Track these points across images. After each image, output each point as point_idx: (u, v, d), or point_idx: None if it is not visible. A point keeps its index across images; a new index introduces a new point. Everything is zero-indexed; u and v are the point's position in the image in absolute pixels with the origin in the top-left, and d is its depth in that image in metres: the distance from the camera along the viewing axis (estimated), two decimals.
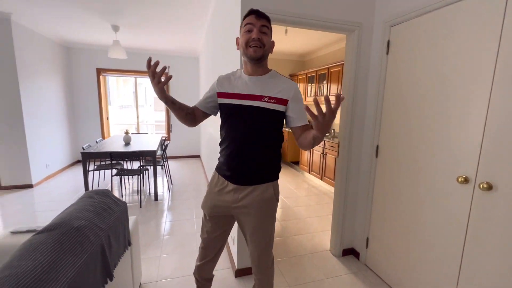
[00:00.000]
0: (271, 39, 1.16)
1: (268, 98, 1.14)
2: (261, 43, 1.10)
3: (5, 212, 3.03)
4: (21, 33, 3.64)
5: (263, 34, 1.10)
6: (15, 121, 3.62)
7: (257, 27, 1.09)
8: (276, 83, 1.17)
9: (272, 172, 1.25)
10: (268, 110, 1.14)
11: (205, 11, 3.11)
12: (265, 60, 1.17)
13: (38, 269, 0.80)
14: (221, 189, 1.25)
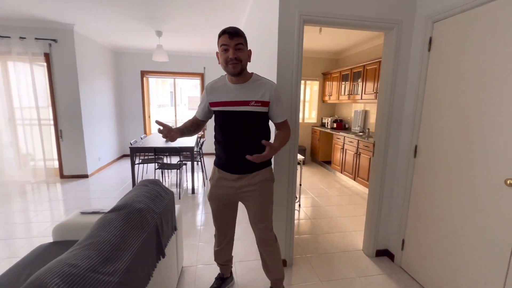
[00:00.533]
0: (247, 51, 1.32)
1: (254, 102, 1.34)
2: (238, 60, 1.26)
3: (67, 197, 3.50)
4: (81, 41, 4.13)
5: (238, 51, 1.26)
6: (75, 119, 4.13)
7: (232, 47, 1.24)
8: (258, 87, 1.36)
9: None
10: (255, 112, 1.35)
11: (241, 14, 3.25)
12: (243, 71, 1.33)
13: (112, 239, 0.97)
14: (224, 180, 1.47)
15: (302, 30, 1.74)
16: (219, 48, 1.29)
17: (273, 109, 1.39)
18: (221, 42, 1.26)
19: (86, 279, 0.76)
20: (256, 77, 1.40)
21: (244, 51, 1.29)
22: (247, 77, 1.38)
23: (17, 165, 4.09)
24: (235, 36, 1.24)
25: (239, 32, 1.26)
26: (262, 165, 1.45)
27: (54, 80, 3.97)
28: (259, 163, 1.40)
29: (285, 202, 1.97)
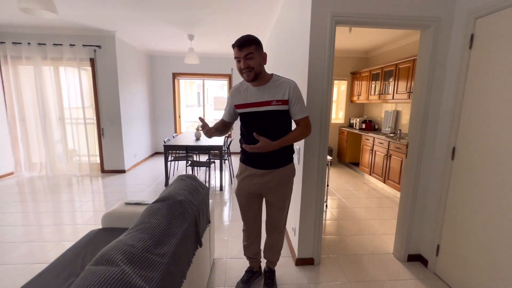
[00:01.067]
0: (259, 56, 1.39)
1: (275, 102, 1.42)
2: (249, 68, 1.36)
3: (107, 190, 3.81)
4: (121, 46, 4.47)
5: (249, 60, 1.36)
6: (115, 119, 4.47)
7: (242, 58, 1.36)
8: (278, 86, 1.44)
9: (288, 156, 1.58)
10: (277, 111, 1.43)
11: (271, 16, 3.31)
12: (260, 75, 1.42)
13: (161, 226, 1.08)
14: (250, 176, 1.58)
15: (334, 31, 1.75)
16: (235, 60, 1.42)
17: (292, 107, 1.45)
18: (234, 55, 1.39)
19: (143, 258, 0.87)
20: (276, 78, 1.48)
21: (255, 58, 1.36)
22: (267, 78, 1.46)
23: (65, 160, 4.53)
24: (244, 47, 1.34)
25: (248, 42, 1.34)
26: (286, 161, 1.56)
27: (98, 83, 4.34)
28: (283, 160, 1.54)
29: (313, 202, 1.99)
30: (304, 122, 1.48)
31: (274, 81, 1.46)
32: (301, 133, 1.48)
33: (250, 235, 1.77)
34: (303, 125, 1.48)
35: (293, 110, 1.46)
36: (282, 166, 1.55)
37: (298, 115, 1.46)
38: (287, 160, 1.57)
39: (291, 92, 1.42)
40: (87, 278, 0.72)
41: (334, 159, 5.68)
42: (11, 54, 4.03)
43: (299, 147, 2.04)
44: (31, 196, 3.49)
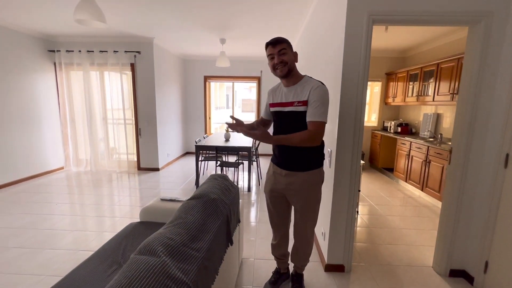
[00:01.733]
0: (291, 54, 1.42)
1: (297, 103, 1.42)
2: (283, 62, 1.41)
3: (143, 186, 4.06)
4: (158, 51, 4.75)
5: (282, 55, 1.40)
6: (151, 120, 4.76)
7: (276, 54, 1.41)
8: (304, 88, 1.42)
9: (315, 160, 1.51)
10: (299, 112, 1.42)
11: (302, 19, 3.29)
12: (292, 72, 1.45)
13: (196, 222, 1.13)
14: (275, 174, 1.60)
15: (371, 31, 1.69)
16: (268, 58, 1.47)
17: (308, 108, 1.39)
18: (268, 53, 1.45)
19: (181, 251, 0.92)
20: (305, 79, 1.47)
21: (288, 54, 1.41)
22: (297, 79, 1.47)
23: (107, 157, 4.92)
24: (277, 44, 1.40)
25: (280, 40, 1.41)
26: (311, 165, 1.50)
27: (137, 86, 4.66)
28: (307, 163, 1.49)
29: (345, 207, 1.93)
30: (313, 126, 1.37)
31: (303, 82, 1.46)
32: (304, 137, 1.36)
33: (276, 236, 1.78)
34: (310, 130, 1.37)
35: (308, 110, 1.39)
36: (306, 170, 1.50)
37: (310, 117, 1.38)
38: (312, 165, 1.51)
39: (311, 93, 1.38)
40: (133, 266, 0.78)
41: (366, 163, 5.44)
42: (64, 61, 4.49)
43: (330, 150, 1.99)
44: (78, 189, 3.84)
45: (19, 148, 3.99)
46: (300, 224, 1.63)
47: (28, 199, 3.39)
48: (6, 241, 2.36)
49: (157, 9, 3.08)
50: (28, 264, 2.03)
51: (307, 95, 1.39)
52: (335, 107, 1.88)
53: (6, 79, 3.77)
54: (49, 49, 4.45)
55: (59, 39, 4.47)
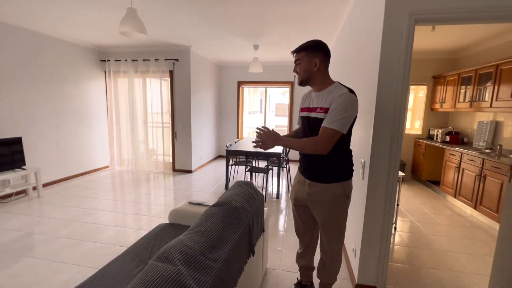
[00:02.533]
0: (308, 62, 1.38)
1: (319, 109, 1.38)
2: (297, 73, 1.44)
3: (177, 187, 4.24)
4: (195, 59, 4.98)
5: (296, 65, 1.43)
6: (186, 123, 4.98)
7: (294, 63, 1.45)
8: (329, 94, 1.36)
9: (341, 172, 1.42)
10: (319, 119, 1.36)
11: (338, 22, 3.16)
12: (310, 81, 1.42)
13: (216, 230, 1.11)
14: (300, 183, 1.55)
15: (413, 32, 1.54)
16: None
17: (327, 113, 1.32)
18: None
19: (198, 260, 0.91)
20: (335, 86, 1.39)
21: (301, 64, 1.40)
22: (324, 85, 1.42)
23: (146, 158, 5.26)
24: (294, 53, 1.44)
25: (298, 49, 1.41)
26: (334, 177, 1.41)
27: (174, 92, 4.92)
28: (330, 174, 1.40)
29: (379, 223, 1.77)
30: (324, 133, 1.29)
31: (332, 88, 1.39)
32: (312, 143, 1.31)
33: (301, 245, 1.73)
34: (320, 135, 1.30)
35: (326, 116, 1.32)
36: (329, 182, 1.41)
37: (323, 123, 1.31)
38: (334, 176, 1.41)
39: (334, 100, 1.31)
40: (149, 272, 0.78)
41: (408, 175, 4.99)
42: (113, 69, 4.95)
43: (364, 160, 1.85)
44: (120, 187, 4.16)
45: (73, 148, 4.48)
46: (324, 239, 1.55)
47: (78, 194, 3.76)
48: (57, 231, 2.64)
49: (194, 20, 3.23)
50: (72, 254, 2.24)
51: (329, 102, 1.32)
52: (370, 114, 1.75)
53: (64, 85, 4.27)
54: (101, 59, 4.95)
55: (109, 50, 4.95)
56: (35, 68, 3.79)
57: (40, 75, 3.86)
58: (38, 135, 3.88)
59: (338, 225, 1.48)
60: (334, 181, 1.41)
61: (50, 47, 3.98)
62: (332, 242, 1.52)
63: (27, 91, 3.68)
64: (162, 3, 2.72)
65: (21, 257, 2.18)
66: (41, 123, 3.91)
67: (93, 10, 2.98)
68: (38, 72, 3.83)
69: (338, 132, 1.28)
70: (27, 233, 2.59)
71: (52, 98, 4.07)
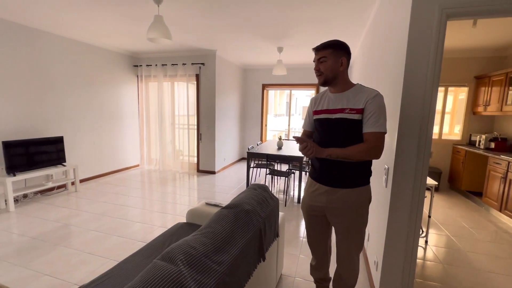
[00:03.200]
0: (334, 60, 1.31)
1: (349, 110, 1.30)
2: (319, 72, 1.35)
3: (200, 187, 4.35)
4: (220, 62, 5.09)
5: (320, 64, 1.34)
6: (210, 125, 5.10)
7: (316, 61, 1.37)
8: (357, 95, 1.31)
9: (361, 176, 1.36)
10: (349, 120, 1.29)
11: (363, 23, 3.02)
12: (334, 81, 1.35)
13: (223, 233, 1.11)
14: (314, 191, 1.45)
15: (444, 28, 1.40)
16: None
17: (365, 117, 1.27)
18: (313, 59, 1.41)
19: (201, 262, 0.91)
20: (358, 87, 1.37)
21: (327, 62, 1.32)
22: (347, 86, 1.37)
23: (173, 158, 5.49)
24: (319, 50, 1.35)
25: (322, 46, 1.34)
26: (358, 182, 1.35)
27: (200, 95, 5.08)
28: (354, 179, 1.34)
29: (403, 235, 1.63)
30: (374, 138, 1.25)
31: (356, 89, 1.35)
32: (365, 150, 1.25)
33: (315, 256, 1.64)
34: (371, 142, 1.26)
35: (364, 121, 1.28)
36: (352, 187, 1.34)
37: (369, 128, 1.26)
38: (358, 181, 1.35)
39: (369, 101, 1.26)
40: (150, 271, 0.80)
41: (444, 184, 4.58)
42: (144, 74, 5.26)
43: (387, 167, 1.72)
44: (147, 185, 4.38)
45: (107, 147, 4.82)
46: (342, 248, 1.45)
47: (110, 190, 4.03)
48: (88, 224, 2.85)
49: (220, 25, 3.30)
50: (99, 246, 2.39)
51: (364, 103, 1.27)
52: (394, 117, 1.63)
53: (102, 89, 4.63)
54: (134, 64, 5.29)
55: (141, 56, 5.26)
56: (77, 74, 4.16)
57: (81, 80, 4.23)
58: (77, 135, 4.24)
59: (359, 232, 1.41)
60: (357, 185, 1.35)
61: (90, 54, 4.35)
62: (351, 250, 1.44)
63: (69, 95, 4.06)
64: (188, 9, 2.83)
65: (57, 246, 2.38)
66: (80, 124, 4.27)
67: (126, 19, 3.19)
68: (79, 78, 4.20)
69: (385, 134, 1.28)
70: (64, 225, 2.83)
71: (91, 101, 4.43)
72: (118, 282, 1.23)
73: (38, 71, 3.62)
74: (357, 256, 1.47)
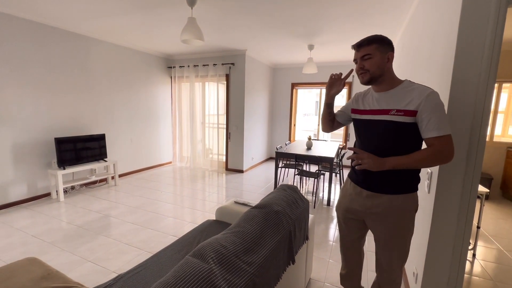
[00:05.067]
0: (381, 56, 1.20)
1: (396, 111, 1.18)
2: (364, 70, 1.23)
3: (228, 186, 4.42)
4: (250, 62, 5.12)
5: (365, 61, 1.22)
6: (239, 125, 5.16)
7: (358, 59, 1.25)
8: (405, 94, 1.19)
9: (408, 183, 1.25)
10: (396, 122, 1.18)
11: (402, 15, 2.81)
12: (380, 78, 1.23)
13: (253, 233, 1.10)
14: (354, 194, 1.35)
15: (504, 17, 1.24)
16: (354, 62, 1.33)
17: (423, 120, 1.13)
18: (354, 57, 1.31)
19: (231, 262, 0.90)
20: (406, 84, 1.23)
21: (373, 59, 1.21)
22: (394, 83, 1.24)
23: (203, 156, 5.65)
24: (361, 47, 1.24)
25: (367, 42, 1.22)
26: (405, 188, 1.24)
27: (229, 94, 5.16)
28: (400, 184, 1.23)
29: (449, 246, 1.47)
30: (440, 143, 1.10)
31: (404, 87, 1.21)
32: (434, 156, 1.11)
33: (346, 264, 1.54)
34: (438, 147, 1.11)
35: (423, 124, 1.13)
36: (398, 193, 1.23)
37: (431, 132, 1.11)
38: (406, 187, 1.24)
39: (423, 102, 1.11)
40: (183, 267, 0.81)
41: (495, 191, 4.10)
42: (178, 75, 5.48)
43: (431, 171, 1.58)
44: (179, 182, 4.56)
45: (143, 144, 5.12)
46: (382, 259, 1.35)
47: (145, 185, 4.27)
48: (125, 216, 3.04)
49: (250, 25, 3.32)
50: (134, 238, 2.54)
51: (416, 103, 1.13)
52: None
53: (139, 90, 4.92)
54: (168, 66, 5.54)
55: (175, 57, 5.50)
56: (118, 76, 4.47)
57: (120, 81, 4.54)
58: (117, 133, 4.56)
59: (403, 243, 1.29)
60: (402, 192, 1.24)
61: (130, 58, 4.65)
62: (393, 261, 1.32)
63: (110, 95, 4.37)
64: (220, 10, 2.87)
65: (98, 235, 2.58)
66: (119, 122, 4.59)
67: (161, 22, 3.34)
68: (120, 80, 4.51)
69: (451, 135, 1.13)
70: (105, 215, 3.06)
71: (129, 101, 4.74)
72: (152, 273, 1.29)
73: (85, 74, 3.95)
74: (400, 269, 1.35)
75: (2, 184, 3.16)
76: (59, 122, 3.67)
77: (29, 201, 3.43)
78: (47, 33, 3.44)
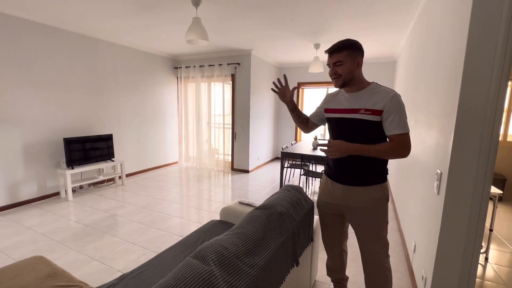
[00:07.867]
0: (351, 62, 1.30)
1: (364, 110, 1.30)
2: (337, 75, 1.33)
3: (234, 186, 4.41)
4: (255, 62, 5.10)
5: (337, 67, 1.32)
6: (245, 125, 5.15)
7: (331, 64, 1.34)
8: (372, 95, 1.31)
9: (378, 174, 1.37)
10: (364, 120, 1.30)
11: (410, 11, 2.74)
12: (351, 82, 1.34)
13: (256, 234, 1.08)
14: (332, 189, 1.46)
15: None
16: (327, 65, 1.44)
17: (386, 120, 1.28)
18: (327, 62, 1.40)
19: (232, 263, 0.89)
20: (373, 86, 1.36)
21: (344, 65, 1.31)
22: (363, 86, 1.37)
23: (209, 156, 5.67)
24: (333, 53, 1.33)
25: (338, 48, 1.31)
26: (376, 179, 1.37)
27: (235, 94, 5.15)
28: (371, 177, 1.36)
29: (460, 250, 1.42)
30: (401, 140, 1.27)
31: (371, 89, 1.35)
32: (394, 149, 1.28)
33: (330, 256, 1.66)
34: (398, 143, 1.28)
35: (387, 123, 1.28)
36: (370, 184, 1.35)
37: (393, 130, 1.27)
38: (374, 178, 1.37)
39: (388, 103, 1.26)
40: (183, 268, 0.80)
41: (509, 193, 3.97)
42: (184, 75, 5.51)
43: (440, 172, 1.53)
44: (185, 182, 4.58)
45: (149, 144, 5.17)
46: (365, 248, 1.44)
47: (151, 185, 4.31)
48: (132, 216, 3.07)
49: (256, 24, 3.30)
50: (140, 237, 2.56)
51: (381, 104, 1.28)
52: (450, 116, 1.43)
53: (145, 90, 4.97)
54: (174, 66, 5.57)
55: (181, 58, 5.53)
56: (125, 77, 4.52)
57: (127, 82, 4.59)
58: (124, 133, 4.62)
59: (380, 231, 1.40)
60: (373, 183, 1.36)
61: (136, 58, 4.70)
62: (375, 247, 1.42)
63: (117, 96, 4.43)
64: (225, 10, 2.87)
65: (105, 234, 2.61)
66: (126, 123, 4.64)
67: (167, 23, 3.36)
68: (127, 80, 4.56)
69: (409, 133, 1.30)
70: (111, 215, 3.09)
71: (136, 101, 4.79)
72: (155, 273, 1.29)
73: (93, 75, 4.01)
74: (385, 256, 1.43)
75: (13, 184, 3.24)
76: (67, 123, 3.74)
77: (39, 200, 3.50)
78: (55, 35, 3.50)
